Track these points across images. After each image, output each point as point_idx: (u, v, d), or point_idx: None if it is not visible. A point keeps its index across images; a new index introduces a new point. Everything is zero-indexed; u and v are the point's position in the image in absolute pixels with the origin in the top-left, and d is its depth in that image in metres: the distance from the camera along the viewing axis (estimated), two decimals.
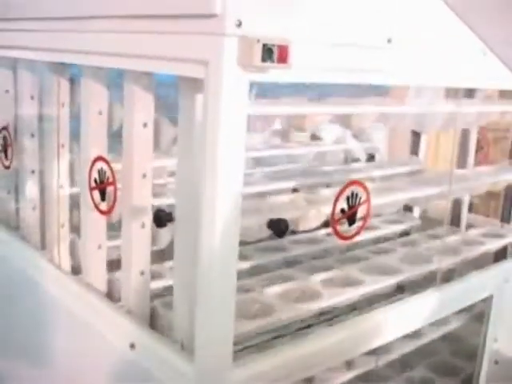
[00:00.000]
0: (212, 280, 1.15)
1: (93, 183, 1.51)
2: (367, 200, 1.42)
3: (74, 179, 1.75)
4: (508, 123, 2.52)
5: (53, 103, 1.69)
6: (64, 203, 1.75)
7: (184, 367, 1.24)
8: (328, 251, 2.02)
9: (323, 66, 1.22)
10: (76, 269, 1.71)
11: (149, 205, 1.44)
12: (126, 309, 1.47)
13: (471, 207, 2.53)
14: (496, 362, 1.98)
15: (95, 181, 1.51)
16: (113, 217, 1.53)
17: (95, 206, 1.53)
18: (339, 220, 1.40)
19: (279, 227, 1.35)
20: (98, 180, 1.50)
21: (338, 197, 1.39)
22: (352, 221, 1.42)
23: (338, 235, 1.42)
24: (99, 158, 1.49)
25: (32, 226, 1.90)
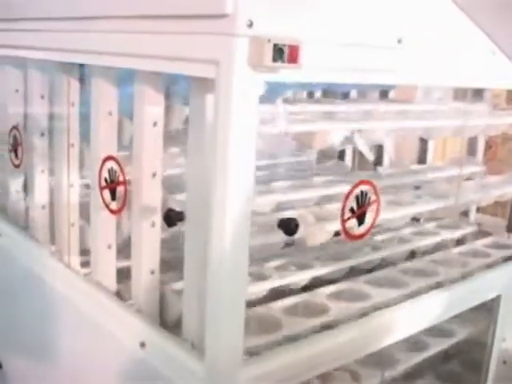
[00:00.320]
0: (222, 279, 1.16)
1: (103, 183, 1.52)
2: (376, 199, 1.42)
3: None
4: None
5: (63, 103, 1.70)
6: (74, 202, 1.76)
7: (194, 366, 1.25)
8: None
9: (333, 66, 1.22)
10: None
11: (159, 204, 1.45)
12: (136, 307, 1.48)
13: (478, 208, 2.52)
14: (504, 362, 1.98)
15: (105, 180, 1.51)
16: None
17: (105, 206, 1.53)
18: (348, 219, 1.40)
19: (289, 226, 1.35)
20: (109, 179, 1.51)
21: (348, 196, 1.39)
22: (361, 220, 1.42)
23: (347, 234, 1.42)
24: (109, 158, 1.50)
25: (41, 225, 1.91)
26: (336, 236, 1.58)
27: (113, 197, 1.51)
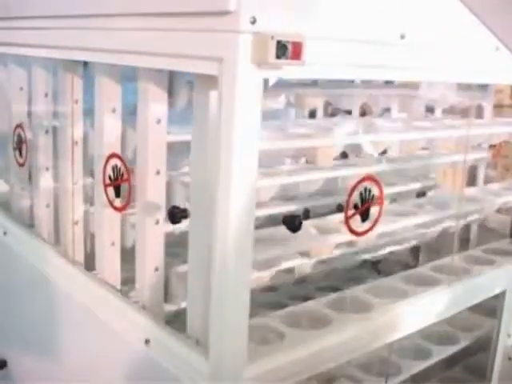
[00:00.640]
0: (226, 276, 1.16)
1: (107, 180, 1.52)
2: (380, 196, 1.42)
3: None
4: None
5: (66, 100, 1.70)
6: (78, 200, 1.76)
7: (199, 363, 1.25)
8: None
9: (336, 63, 1.22)
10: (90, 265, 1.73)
11: (163, 201, 1.45)
12: (141, 305, 1.48)
13: None
14: (510, 359, 1.98)
15: (109, 177, 1.52)
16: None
17: (109, 203, 1.53)
18: (352, 216, 1.40)
19: (293, 223, 1.35)
20: (113, 177, 1.51)
21: (351, 192, 1.39)
22: (365, 216, 1.42)
23: (351, 231, 1.42)
24: (113, 155, 1.50)
25: (46, 223, 1.91)
26: None
27: (117, 194, 1.51)
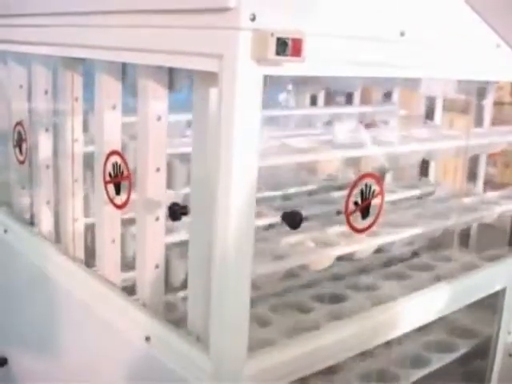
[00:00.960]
0: (227, 273, 1.16)
1: (107, 177, 1.52)
2: (381, 193, 1.42)
3: None
4: None
5: (66, 98, 1.70)
6: (78, 198, 1.76)
7: (199, 359, 1.25)
8: None
9: (336, 59, 1.22)
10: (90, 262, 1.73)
11: (163, 198, 1.45)
12: (141, 302, 1.48)
13: None
14: (510, 355, 1.98)
15: (110, 175, 1.52)
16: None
17: (110, 200, 1.53)
18: (352, 213, 1.40)
19: (293, 219, 1.35)
20: (113, 174, 1.51)
21: (352, 189, 1.39)
22: (365, 214, 1.42)
23: (352, 228, 1.42)
24: (114, 152, 1.50)
25: (46, 221, 1.91)
26: None
27: (117, 191, 1.51)
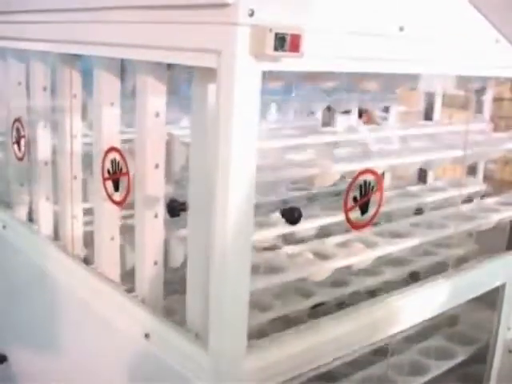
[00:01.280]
0: (225, 269, 1.15)
1: (106, 174, 1.52)
2: (380, 189, 1.42)
3: None
4: None
5: (65, 94, 1.70)
6: (77, 194, 1.76)
7: (198, 356, 1.25)
8: None
9: (335, 55, 1.21)
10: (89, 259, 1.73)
11: (162, 195, 1.45)
12: (140, 299, 1.48)
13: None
14: (510, 351, 1.98)
15: (108, 171, 1.51)
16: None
17: (108, 197, 1.53)
18: (352, 208, 1.40)
19: (292, 215, 1.35)
20: (111, 170, 1.50)
21: (351, 185, 1.39)
22: (364, 209, 1.42)
23: (351, 223, 1.42)
24: (112, 149, 1.50)
25: (45, 217, 1.91)
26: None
27: (116, 188, 1.51)
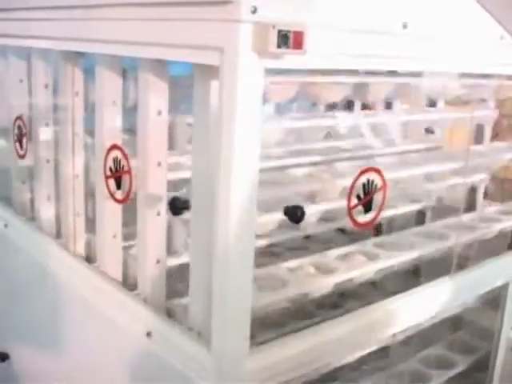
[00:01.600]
0: (228, 268, 1.15)
1: (108, 172, 1.51)
2: (383, 187, 1.41)
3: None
4: None
5: (67, 92, 1.69)
6: (79, 193, 1.75)
7: (201, 355, 1.25)
8: None
9: (338, 52, 1.21)
10: (91, 258, 1.72)
11: (164, 193, 1.44)
12: (143, 297, 1.48)
13: (485, 194, 2.51)
14: None
15: (110, 169, 1.51)
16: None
17: (110, 195, 1.53)
18: (355, 207, 1.39)
19: (295, 214, 1.34)
20: (114, 169, 1.50)
21: (354, 183, 1.38)
22: (368, 208, 1.41)
23: (354, 223, 1.42)
24: (114, 147, 1.49)
25: (47, 216, 1.90)
26: None
27: (118, 186, 1.50)
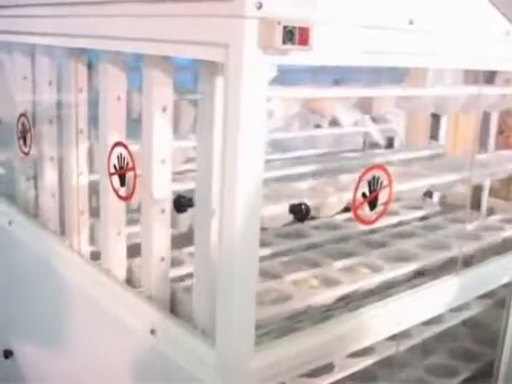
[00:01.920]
0: (233, 265, 1.14)
1: (112, 169, 1.51)
2: (389, 184, 1.41)
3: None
4: None
5: (71, 89, 1.69)
6: (83, 190, 1.75)
7: (205, 353, 1.24)
8: (348, 236, 2.00)
9: (344, 49, 1.20)
10: (95, 255, 1.72)
11: (169, 190, 1.43)
12: (147, 295, 1.47)
13: (491, 191, 2.50)
14: None
15: (114, 166, 1.50)
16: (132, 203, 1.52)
17: (114, 192, 1.52)
18: (360, 205, 1.39)
19: (300, 212, 1.34)
20: (118, 166, 1.49)
21: (359, 181, 1.37)
22: (373, 205, 1.41)
23: (359, 220, 1.41)
24: (118, 144, 1.49)
25: (51, 213, 1.90)
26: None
27: (122, 183, 1.50)
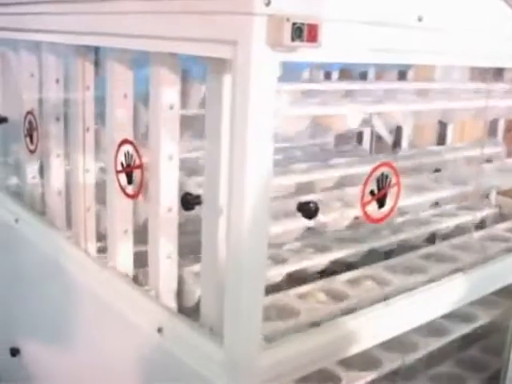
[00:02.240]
0: (241, 264, 1.14)
1: (119, 166, 1.51)
2: (397, 182, 1.40)
3: None
4: None
5: (77, 87, 1.69)
6: (89, 187, 1.75)
7: (212, 351, 1.24)
8: None
9: (352, 46, 1.19)
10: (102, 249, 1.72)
11: (176, 188, 1.43)
12: (154, 293, 1.47)
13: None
14: None
15: (121, 164, 1.50)
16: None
17: (121, 190, 1.52)
18: (368, 202, 1.38)
19: (309, 210, 1.33)
20: (125, 163, 1.49)
21: (368, 179, 1.37)
22: (381, 203, 1.40)
23: (367, 217, 1.40)
24: (125, 141, 1.48)
25: (58, 211, 1.90)
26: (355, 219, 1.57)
27: (129, 181, 1.50)
